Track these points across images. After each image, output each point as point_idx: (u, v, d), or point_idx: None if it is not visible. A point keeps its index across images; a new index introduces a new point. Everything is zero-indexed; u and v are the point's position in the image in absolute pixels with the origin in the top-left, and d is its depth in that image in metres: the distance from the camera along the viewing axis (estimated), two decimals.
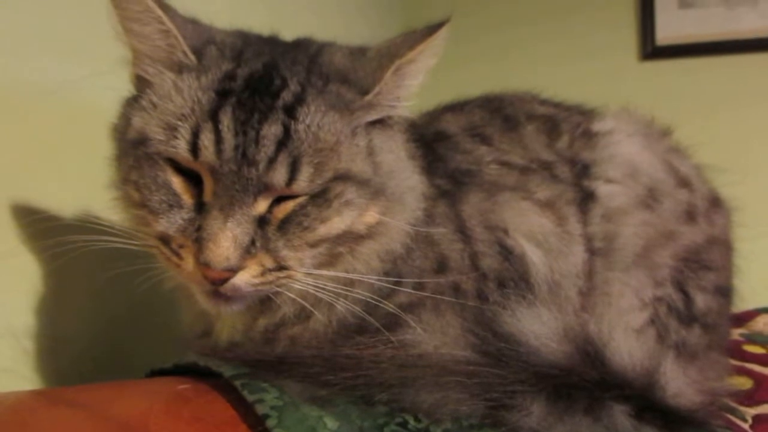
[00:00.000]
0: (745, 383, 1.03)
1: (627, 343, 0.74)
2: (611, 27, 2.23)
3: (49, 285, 0.86)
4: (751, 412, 0.95)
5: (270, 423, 0.56)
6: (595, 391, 0.69)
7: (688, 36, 2.17)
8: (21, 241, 0.83)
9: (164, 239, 0.66)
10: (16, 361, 0.83)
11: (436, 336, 0.69)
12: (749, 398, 0.98)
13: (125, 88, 0.72)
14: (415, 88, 0.70)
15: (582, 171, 0.90)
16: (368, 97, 0.68)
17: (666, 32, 2.19)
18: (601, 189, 0.88)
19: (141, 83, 0.69)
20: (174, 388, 0.65)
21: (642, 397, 0.72)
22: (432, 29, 0.67)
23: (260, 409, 0.57)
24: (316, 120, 0.65)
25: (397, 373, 0.64)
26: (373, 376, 0.63)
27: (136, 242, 0.70)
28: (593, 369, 0.71)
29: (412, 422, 0.62)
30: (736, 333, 1.23)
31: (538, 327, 0.72)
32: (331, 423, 0.58)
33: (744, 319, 1.30)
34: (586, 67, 2.14)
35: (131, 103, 0.69)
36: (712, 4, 2.15)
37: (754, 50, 2.09)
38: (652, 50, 2.20)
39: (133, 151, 0.67)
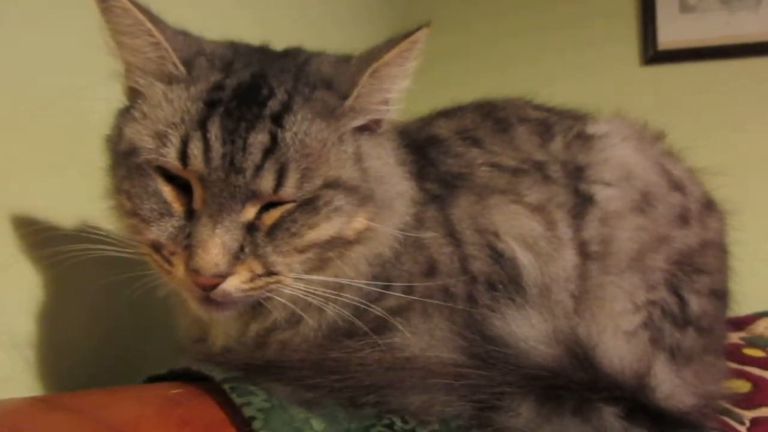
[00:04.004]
0: (743, 386, 1.02)
1: (617, 346, 0.75)
2: (612, 32, 2.24)
3: (48, 294, 0.88)
4: (748, 415, 0.95)
5: (256, 425, 0.57)
6: (584, 392, 0.70)
7: (690, 41, 2.17)
8: (20, 251, 0.84)
9: (156, 247, 0.67)
10: (16, 369, 0.84)
11: (424, 339, 0.70)
12: (747, 401, 0.98)
13: (120, 99, 0.74)
14: (398, 92, 0.71)
15: (575, 173, 0.90)
16: (348, 102, 0.69)
17: (667, 37, 2.19)
18: (601, 193, 0.89)
19: (133, 94, 0.71)
20: (166, 393, 0.66)
21: (632, 398, 0.72)
22: (409, 33, 0.68)
23: (247, 412, 0.58)
24: (303, 127, 0.66)
25: (384, 375, 0.65)
26: (360, 378, 0.64)
27: (130, 250, 0.71)
28: (582, 371, 0.71)
29: (399, 424, 0.63)
30: (737, 337, 1.22)
31: (527, 330, 0.73)
32: (317, 425, 0.59)
33: (745, 323, 1.30)
34: (586, 72, 2.14)
35: (124, 114, 0.71)
36: (713, 8, 2.16)
37: (756, 55, 2.09)
38: (653, 55, 2.20)
39: (125, 162, 0.68)
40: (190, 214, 0.66)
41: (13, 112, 0.84)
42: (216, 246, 0.63)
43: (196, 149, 0.63)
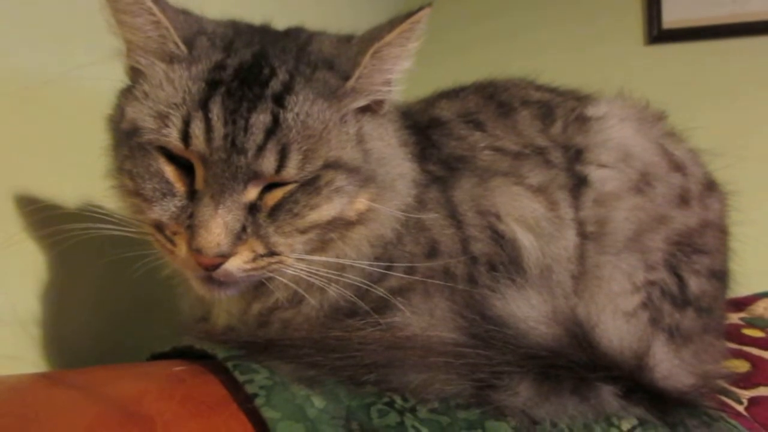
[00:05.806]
0: (741, 366, 1.03)
1: (616, 326, 0.76)
2: (617, 10, 2.21)
3: (51, 272, 0.88)
4: (746, 394, 0.96)
5: (258, 402, 0.57)
6: (582, 372, 0.70)
7: (696, 19, 2.14)
8: (22, 229, 0.85)
9: (158, 226, 0.68)
10: (21, 347, 0.85)
11: (425, 318, 0.71)
12: (746, 381, 0.99)
13: (122, 78, 0.74)
14: (400, 73, 0.71)
15: (575, 156, 0.90)
16: (350, 83, 0.69)
17: (673, 15, 2.17)
18: (594, 174, 0.89)
19: (135, 74, 0.71)
20: (170, 370, 0.67)
21: (630, 378, 0.73)
22: (411, 13, 0.68)
23: (250, 389, 0.59)
24: (305, 108, 0.66)
25: (385, 354, 0.66)
26: (361, 357, 0.65)
27: (133, 230, 0.72)
28: (581, 351, 0.72)
29: (399, 402, 0.63)
30: (737, 317, 1.23)
31: (527, 310, 0.74)
32: (318, 402, 0.60)
33: (745, 303, 1.30)
34: (591, 52, 2.12)
35: (125, 94, 0.71)
36: None
37: (763, 33, 2.06)
38: (658, 34, 2.17)
39: (127, 141, 0.68)
40: (192, 195, 0.66)
41: (14, 91, 0.84)
42: (218, 226, 0.63)
43: (197, 129, 0.63)
